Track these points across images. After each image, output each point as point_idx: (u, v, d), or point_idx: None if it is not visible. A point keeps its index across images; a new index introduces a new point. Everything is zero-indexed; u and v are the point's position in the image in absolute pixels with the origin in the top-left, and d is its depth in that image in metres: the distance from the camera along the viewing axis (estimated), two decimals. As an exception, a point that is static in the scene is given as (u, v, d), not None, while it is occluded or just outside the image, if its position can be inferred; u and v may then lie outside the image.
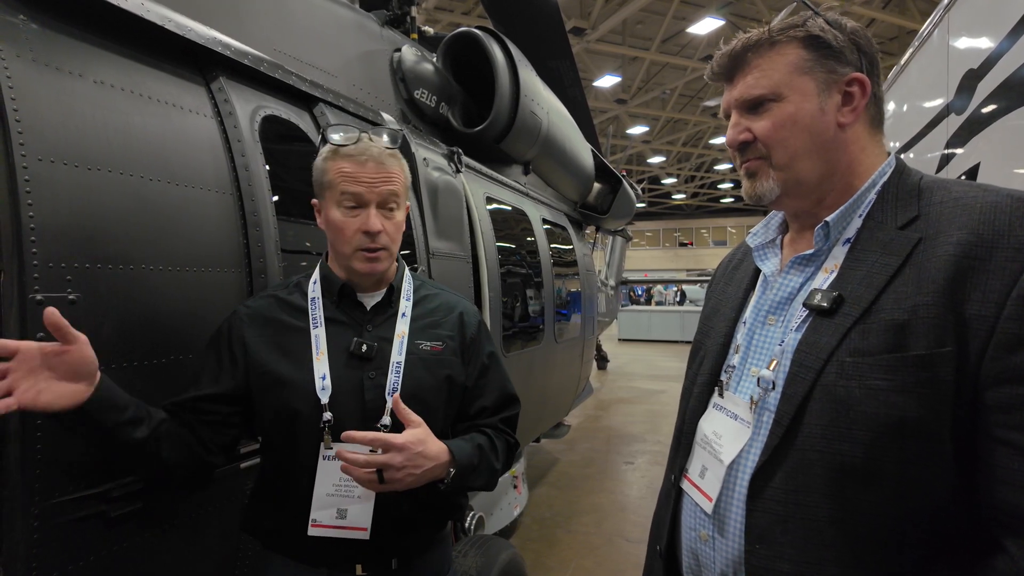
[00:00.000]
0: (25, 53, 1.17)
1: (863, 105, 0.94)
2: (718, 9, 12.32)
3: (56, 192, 1.17)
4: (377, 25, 2.69)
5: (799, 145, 0.95)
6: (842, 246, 0.94)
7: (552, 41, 5.29)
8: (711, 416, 1.04)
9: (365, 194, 1.27)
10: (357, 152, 1.29)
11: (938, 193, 0.89)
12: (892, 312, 0.82)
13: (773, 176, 0.97)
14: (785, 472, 0.86)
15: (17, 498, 1.10)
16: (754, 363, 0.99)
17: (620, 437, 7.10)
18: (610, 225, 6.45)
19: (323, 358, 1.28)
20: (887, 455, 0.79)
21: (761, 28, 0.97)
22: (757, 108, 0.97)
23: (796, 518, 0.85)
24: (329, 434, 1.24)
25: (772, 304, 1.00)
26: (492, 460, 1.37)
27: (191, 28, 1.54)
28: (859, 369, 0.82)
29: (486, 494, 3.57)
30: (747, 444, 0.93)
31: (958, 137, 2.28)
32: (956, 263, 0.80)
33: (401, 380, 1.30)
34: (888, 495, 0.80)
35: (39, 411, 1.04)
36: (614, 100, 17.84)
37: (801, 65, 0.94)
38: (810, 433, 0.85)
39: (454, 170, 2.75)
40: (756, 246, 1.09)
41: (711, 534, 0.96)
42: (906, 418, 0.78)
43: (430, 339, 1.39)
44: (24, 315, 1.11)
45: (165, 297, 1.37)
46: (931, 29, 2.77)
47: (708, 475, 0.99)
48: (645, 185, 29.54)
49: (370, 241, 1.29)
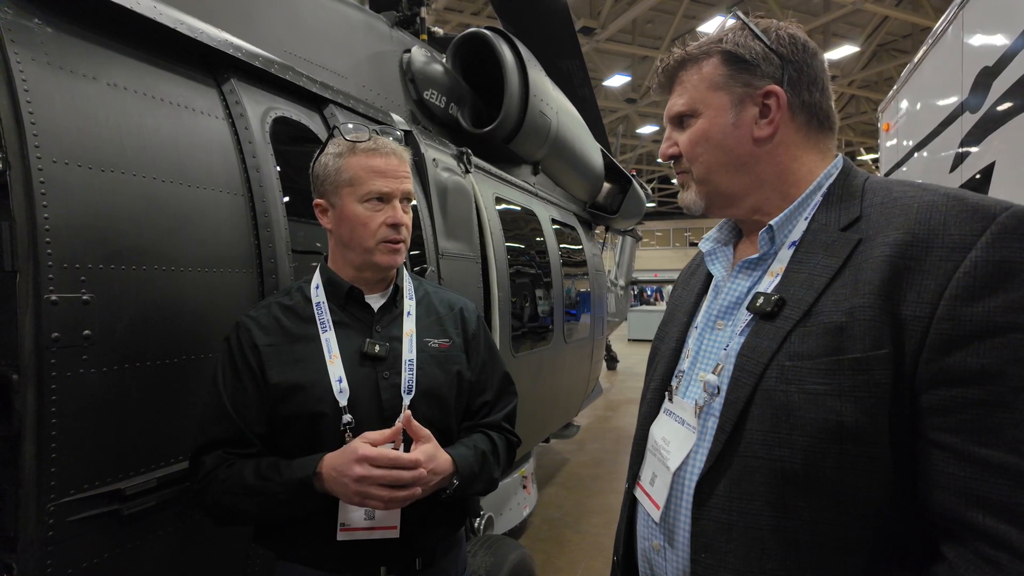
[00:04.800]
0: (40, 56, 1.19)
1: (779, 117, 0.93)
2: (728, 8, 12.25)
3: (70, 193, 1.19)
4: (387, 26, 2.69)
5: (712, 159, 0.96)
6: (787, 249, 0.92)
7: (562, 41, 5.28)
8: (661, 422, 1.02)
9: (392, 190, 1.31)
10: (379, 146, 1.31)
11: (880, 194, 0.87)
12: (831, 315, 0.80)
13: (695, 189, 1.00)
14: (729, 479, 0.85)
15: (32, 495, 1.11)
16: (702, 368, 0.97)
17: (630, 438, 7.02)
18: (620, 225, 6.42)
19: (337, 361, 1.28)
20: (826, 460, 0.77)
21: (683, 47, 0.99)
22: (682, 123, 1.00)
23: (739, 526, 0.83)
24: (351, 435, 1.23)
25: (721, 308, 0.99)
26: (492, 467, 1.37)
27: (203, 31, 1.55)
28: (798, 373, 0.80)
29: (496, 494, 3.57)
30: (692, 450, 0.92)
31: (972, 136, 2.25)
32: (892, 263, 0.78)
33: (415, 378, 1.31)
34: (828, 501, 0.78)
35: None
36: (624, 99, 17.79)
37: (716, 81, 0.95)
38: (752, 439, 0.83)
39: (463, 170, 2.76)
40: (707, 250, 1.08)
41: (662, 543, 0.95)
42: (843, 422, 0.76)
43: (437, 336, 1.40)
44: (39, 315, 1.12)
45: (177, 297, 1.38)
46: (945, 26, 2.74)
47: (657, 482, 0.97)
48: (655, 185, 29.41)
49: (395, 233, 1.31)
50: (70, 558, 1.17)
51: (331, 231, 1.37)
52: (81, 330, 1.18)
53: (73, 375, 1.17)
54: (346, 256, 1.36)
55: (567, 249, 4.43)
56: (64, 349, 1.15)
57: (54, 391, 1.14)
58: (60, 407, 1.15)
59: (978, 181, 2.18)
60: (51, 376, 1.14)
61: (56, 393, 1.14)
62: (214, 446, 1.24)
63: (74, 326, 1.17)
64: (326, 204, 1.35)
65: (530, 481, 4.19)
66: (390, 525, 1.24)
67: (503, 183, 3.37)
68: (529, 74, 3.09)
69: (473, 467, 1.31)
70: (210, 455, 1.24)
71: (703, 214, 1.04)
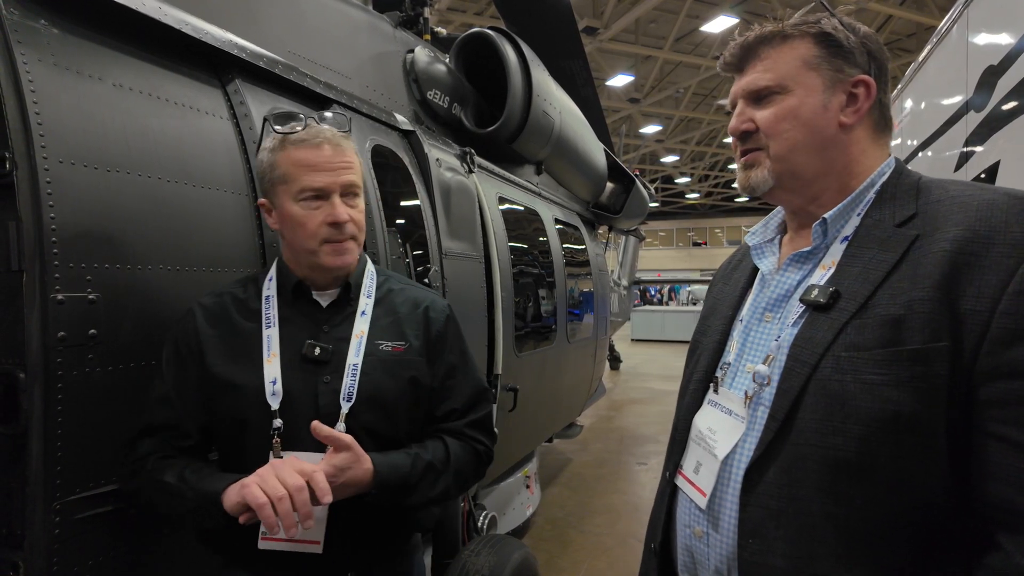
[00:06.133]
0: (47, 57, 1.20)
1: (866, 108, 0.96)
2: (732, 7, 12.22)
3: (77, 194, 1.19)
4: (390, 26, 2.70)
5: (798, 138, 0.96)
6: (840, 244, 0.95)
7: (565, 41, 5.29)
8: (706, 412, 1.04)
9: (328, 186, 1.19)
10: (310, 136, 1.20)
11: (936, 191, 0.90)
12: (888, 307, 0.83)
13: (768, 167, 0.99)
14: (779, 467, 0.87)
15: (39, 494, 1.12)
16: (749, 359, 1.00)
17: (633, 438, 7.07)
18: (623, 225, 6.43)
19: (275, 361, 1.20)
20: (881, 449, 0.80)
21: (775, 22, 0.99)
22: (762, 99, 0.99)
23: (789, 512, 0.85)
24: (279, 442, 1.16)
25: (769, 301, 1.02)
26: (439, 477, 1.24)
27: (207, 31, 1.56)
28: (854, 364, 0.83)
29: (499, 493, 3.57)
30: (741, 439, 0.94)
31: (977, 135, 2.25)
32: (952, 259, 0.80)
33: (357, 384, 1.21)
34: (881, 490, 0.80)
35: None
36: (627, 99, 17.77)
37: (810, 60, 0.96)
38: (804, 428, 0.85)
39: (467, 170, 2.76)
40: (754, 245, 1.10)
41: (705, 530, 0.97)
42: (900, 412, 0.79)
43: (392, 338, 1.28)
44: (46, 314, 1.13)
45: (182, 297, 1.39)
46: (949, 25, 2.74)
47: (702, 471, 0.99)
48: (658, 184, 29.36)
49: (337, 233, 1.21)
50: (76, 556, 1.18)
51: (279, 232, 1.28)
52: (87, 329, 1.19)
53: (79, 374, 1.18)
54: (296, 257, 1.27)
55: (570, 249, 4.43)
56: (70, 348, 1.16)
57: (60, 390, 1.15)
58: (66, 406, 1.16)
59: (983, 180, 2.17)
60: (57, 375, 1.14)
61: (62, 392, 1.15)
62: (154, 431, 1.20)
63: (80, 325, 1.18)
64: (268, 204, 1.26)
65: (533, 481, 4.20)
66: (312, 540, 1.15)
67: (506, 183, 3.38)
68: (532, 74, 3.09)
69: (407, 477, 1.19)
70: (150, 439, 1.20)
71: (759, 197, 1.03)
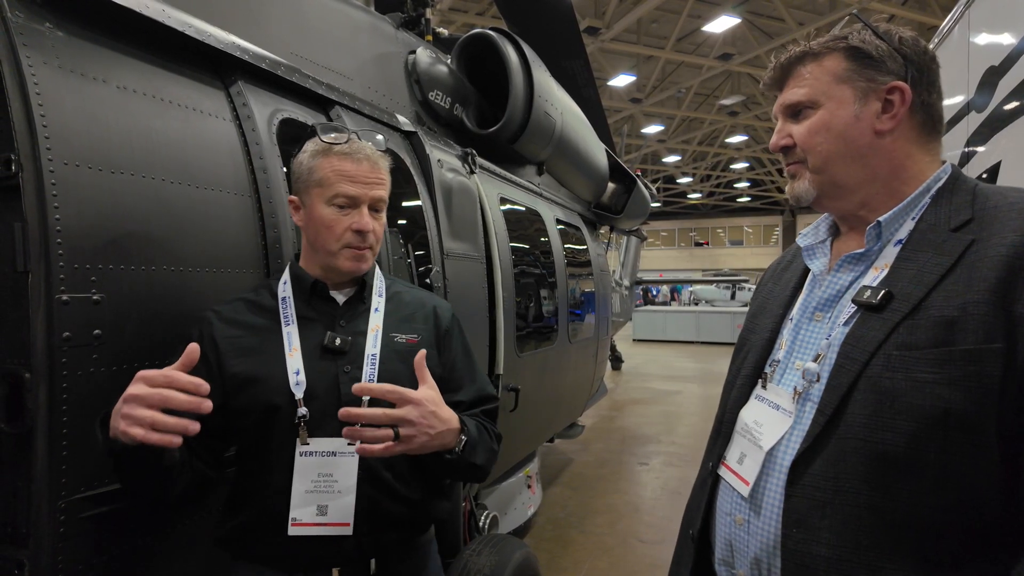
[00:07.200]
0: (52, 60, 1.21)
1: (903, 112, 0.97)
2: (733, 7, 12.22)
3: (81, 195, 1.20)
4: (392, 27, 2.71)
5: (831, 149, 0.99)
6: (893, 246, 0.97)
7: (566, 41, 5.29)
8: (752, 406, 1.07)
9: (360, 195, 1.29)
10: (353, 151, 1.30)
11: (993, 198, 0.92)
12: (942, 309, 0.84)
13: (809, 179, 1.03)
14: (825, 459, 0.89)
15: (44, 492, 1.13)
16: (799, 357, 1.02)
17: (634, 438, 7.07)
18: (624, 225, 6.42)
19: (296, 354, 1.27)
20: (930, 445, 0.81)
21: (806, 43, 1.04)
22: (798, 115, 1.03)
23: (835, 504, 0.87)
24: (305, 429, 1.23)
25: (820, 301, 1.04)
26: (490, 439, 1.36)
27: (211, 33, 1.57)
28: (905, 362, 0.84)
29: (500, 494, 3.58)
30: (787, 432, 0.96)
31: (979, 135, 2.25)
32: (1008, 263, 0.82)
33: (377, 372, 1.29)
34: (928, 484, 0.82)
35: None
36: (629, 99, 17.77)
37: (840, 74, 0.99)
38: (852, 423, 0.87)
39: (468, 171, 2.77)
40: (806, 246, 1.13)
41: (746, 518, 0.99)
42: (951, 410, 0.80)
43: (405, 331, 1.38)
44: (51, 314, 1.14)
45: (186, 298, 1.40)
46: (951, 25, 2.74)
47: (747, 461, 1.02)
48: (660, 184, 29.36)
49: (360, 240, 1.30)
50: (81, 555, 1.18)
51: (302, 229, 1.37)
52: (92, 329, 1.20)
53: (84, 374, 1.19)
54: (313, 256, 1.36)
55: (571, 249, 4.44)
56: (75, 348, 1.17)
57: (65, 389, 1.16)
58: (71, 405, 1.16)
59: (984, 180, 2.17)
60: (63, 375, 1.15)
61: (68, 391, 1.16)
62: None
63: (85, 325, 1.19)
64: (298, 202, 1.35)
65: (535, 481, 4.20)
66: (342, 521, 1.21)
67: (508, 183, 3.38)
68: (534, 75, 3.09)
69: (476, 431, 1.29)
70: None
71: (809, 207, 1.07)
